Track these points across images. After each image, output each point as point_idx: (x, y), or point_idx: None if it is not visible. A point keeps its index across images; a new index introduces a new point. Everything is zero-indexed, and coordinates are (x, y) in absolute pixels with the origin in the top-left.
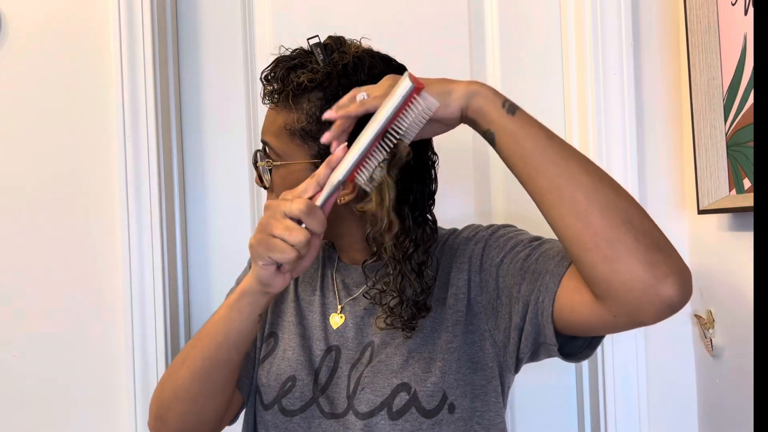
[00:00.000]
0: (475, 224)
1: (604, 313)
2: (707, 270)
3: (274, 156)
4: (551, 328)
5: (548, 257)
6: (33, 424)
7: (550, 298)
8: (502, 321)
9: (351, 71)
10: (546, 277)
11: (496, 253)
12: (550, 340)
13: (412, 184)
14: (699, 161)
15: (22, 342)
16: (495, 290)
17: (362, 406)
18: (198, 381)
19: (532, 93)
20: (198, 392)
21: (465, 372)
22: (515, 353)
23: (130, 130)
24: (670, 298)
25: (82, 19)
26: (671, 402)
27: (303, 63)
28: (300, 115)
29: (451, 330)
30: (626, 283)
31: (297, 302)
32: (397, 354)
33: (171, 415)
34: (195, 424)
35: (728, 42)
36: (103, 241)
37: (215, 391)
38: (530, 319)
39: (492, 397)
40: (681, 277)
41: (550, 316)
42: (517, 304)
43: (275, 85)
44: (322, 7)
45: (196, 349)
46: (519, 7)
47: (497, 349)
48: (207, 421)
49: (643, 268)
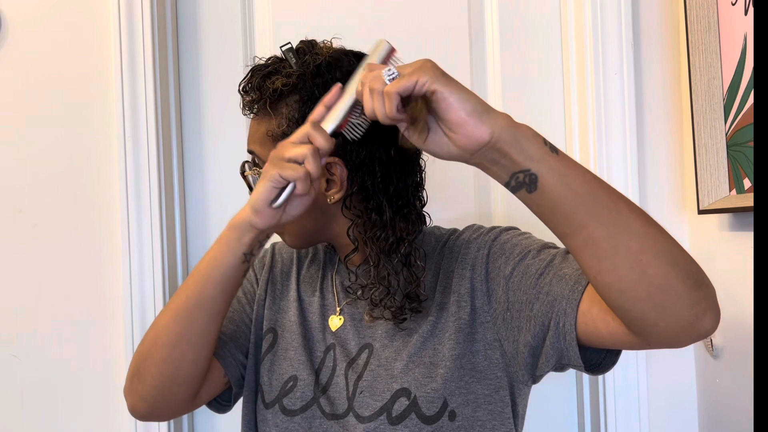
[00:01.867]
0: (476, 225)
1: (636, 342)
2: (707, 270)
3: (262, 164)
4: (576, 351)
5: (562, 279)
6: (33, 424)
7: (571, 324)
8: (512, 333)
9: (325, 70)
10: (563, 303)
11: (503, 263)
12: (575, 362)
13: (392, 176)
14: (699, 161)
15: (22, 342)
16: (505, 302)
17: (363, 410)
18: (180, 320)
19: (532, 93)
20: (178, 335)
21: (468, 380)
22: (529, 369)
23: (130, 130)
24: (708, 332)
25: (83, 19)
26: (671, 402)
27: (277, 69)
28: (280, 120)
29: (453, 337)
30: (671, 325)
31: (299, 302)
32: (396, 358)
33: (149, 366)
34: (172, 377)
35: (728, 42)
36: (103, 240)
37: (195, 335)
38: (551, 343)
39: (498, 407)
40: (717, 310)
41: (575, 339)
42: (529, 322)
43: (253, 95)
44: (322, 7)
45: (180, 289)
46: (519, 7)
47: (507, 360)
48: (184, 375)
49: (687, 309)
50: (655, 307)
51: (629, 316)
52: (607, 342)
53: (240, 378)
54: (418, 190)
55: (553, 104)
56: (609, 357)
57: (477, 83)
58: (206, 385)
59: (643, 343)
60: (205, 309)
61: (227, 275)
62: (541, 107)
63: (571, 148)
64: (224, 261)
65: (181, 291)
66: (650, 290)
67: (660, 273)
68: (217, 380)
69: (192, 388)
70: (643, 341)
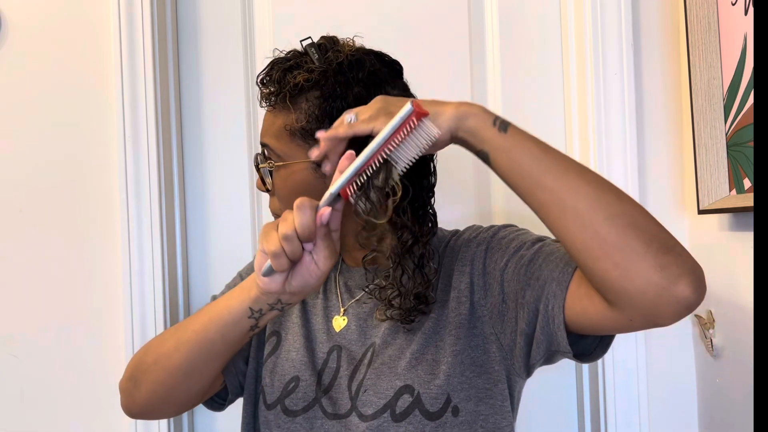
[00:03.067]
0: (476, 225)
1: (618, 317)
2: (707, 270)
3: (275, 157)
4: (564, 335)
5: (552, 262)
6: (33, 424)
7: (559, 306)
8: (508, 325)
9: (347, 68)
10: (552, 285)
11: (499, 256)
12: (563, 348)
13: (411, 177)
14: (699, 161)
15: (22, 342)
16: (500, 294)
17: (366, 408)
18: (180, 352)
19: (532, 93)
20: (178, 365)
21: (469, 375)
22: (524, 359)
23: (130, 130)
24: (686, 299)
25: (83, 19)
26: (671, 402)
27: (298, 64)
28: (299, 115)
29: (454, 333)
30: (640, 288)
31: (302, 304)
32: (399, 356)
33: (146, 380)
34: (163, 398)
35: (728, 42)
36: (103, 240)
37: (194, 371)
38: (541, 327)
39: (498, 401)
40: (694, 276)
41: (562, 323)
42: (523, 310)
43: (272, 88)
44: (322, 7)
45: (190, 321)
46: (519, 7)
47: (504, 353)
48: (176, 399)
49: (655, 272)
50: (615, 266)
51: (594, 276)
52: (594, 321)
53: (238, 386)
54: (431, 192)
55: (553, 104)
56: (600, 347)
57: (477, 83)
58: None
59: (623, 316)
60: (204, 349)
61: (231, 322)
62: (541, 107)
63: (571, 148)
64: (230, 307)
65: (190, 322)
66: (605, 249)
67: (613, 232)
68: (215, 387)
69: (182, 407)
70: (622, 314)
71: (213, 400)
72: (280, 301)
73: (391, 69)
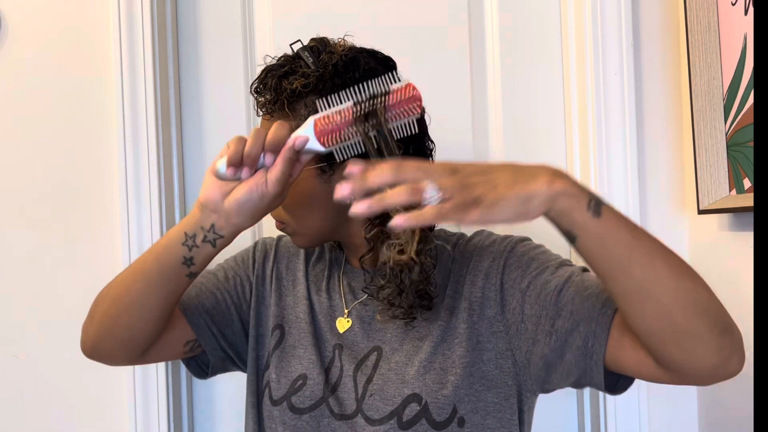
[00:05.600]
0: (486, 231)
1: (664, 376)
2: (707, 270)
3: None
4: (601, 373)
5: (587, 299)
6: (33, 424)
7: (601, 346)
8: (525, 344)
9: (342, 70)
10: (592, 325)
11: (519, 275)
12: (597, 383)
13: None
14: (699, 161)
15: (22, 342)
16: (520, 314)
17: (372, 412)
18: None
19: (532, 93)
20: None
21: (478, 388)
22: (539, 381)
23: (130, 130)
24: (734, 373)
25: (83, 19)
26: (671, 402)
27: (293, 69)
28: (299, 121)
29: (465, 345)
30: (696, 366)
31: (308, 299)
32: (408, 363)
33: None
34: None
35: (728, 42)
36: (103, 240)
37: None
38: (576, 361)
39: (507, 415)
40: (742, 353)
41: (602, 363)
42: (549, 337)
43: (268, 96)
44: (322, 7)
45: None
46: (519, 7)
47: (518, 369)
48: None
49: (714, 354)
50: (682, 351)
51: (657, 354)
52: (634, 371)
53: (218, 349)
54: None
55: (553, 104)
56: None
57: (477, 83)
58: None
59: (669, 378)
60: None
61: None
62: (541, 107)
63: (571, 148)
64: (168, 234)
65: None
66: (676, 336)
67: (688, 321)
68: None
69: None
70: (670, 377)
71: (197, 364)
72: (213, 228)
73: (385, 65)
